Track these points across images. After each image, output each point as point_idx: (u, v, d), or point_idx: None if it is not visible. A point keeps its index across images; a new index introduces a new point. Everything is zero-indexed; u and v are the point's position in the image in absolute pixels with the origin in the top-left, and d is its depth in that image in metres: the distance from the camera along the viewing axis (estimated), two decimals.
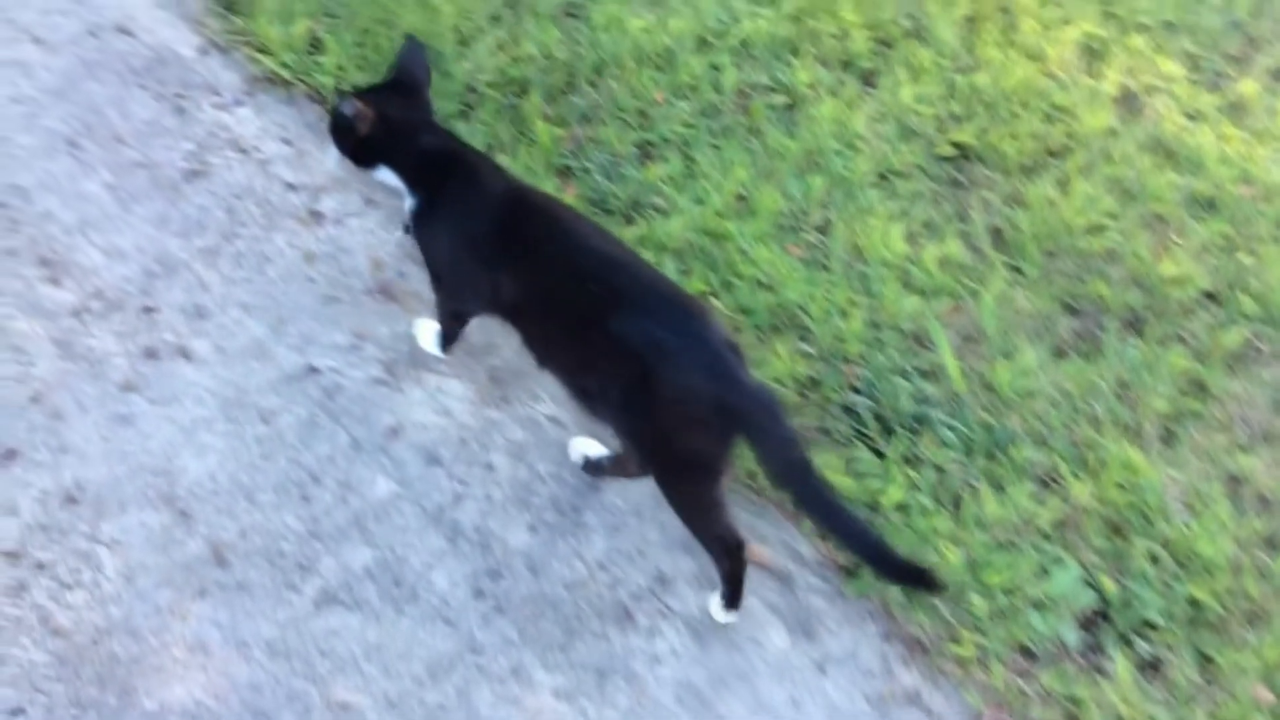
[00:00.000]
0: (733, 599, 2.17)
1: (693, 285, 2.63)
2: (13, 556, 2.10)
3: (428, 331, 2.43)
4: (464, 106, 2.89)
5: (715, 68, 3.10)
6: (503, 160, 2.74)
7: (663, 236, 2.72)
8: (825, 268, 2.74)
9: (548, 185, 2.76)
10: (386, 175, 2.20)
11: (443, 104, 2.84)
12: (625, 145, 2.90)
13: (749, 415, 1.94)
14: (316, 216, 2.64)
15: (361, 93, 2.19)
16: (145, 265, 2.51)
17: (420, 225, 2.22)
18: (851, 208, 2.87)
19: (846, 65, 3.20)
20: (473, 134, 2.81)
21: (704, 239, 2.74)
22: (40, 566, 2.09)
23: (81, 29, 2.82)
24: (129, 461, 2.24)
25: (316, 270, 2.58)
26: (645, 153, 2.91)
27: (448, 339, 2.40)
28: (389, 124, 2.13)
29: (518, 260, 2.11)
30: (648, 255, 2.67)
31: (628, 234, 2.71)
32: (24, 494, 2.18)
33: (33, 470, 2.21)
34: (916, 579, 2.01)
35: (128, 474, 2.22)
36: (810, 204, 2.86)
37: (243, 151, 2.78)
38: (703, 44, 3.14)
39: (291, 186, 2.75)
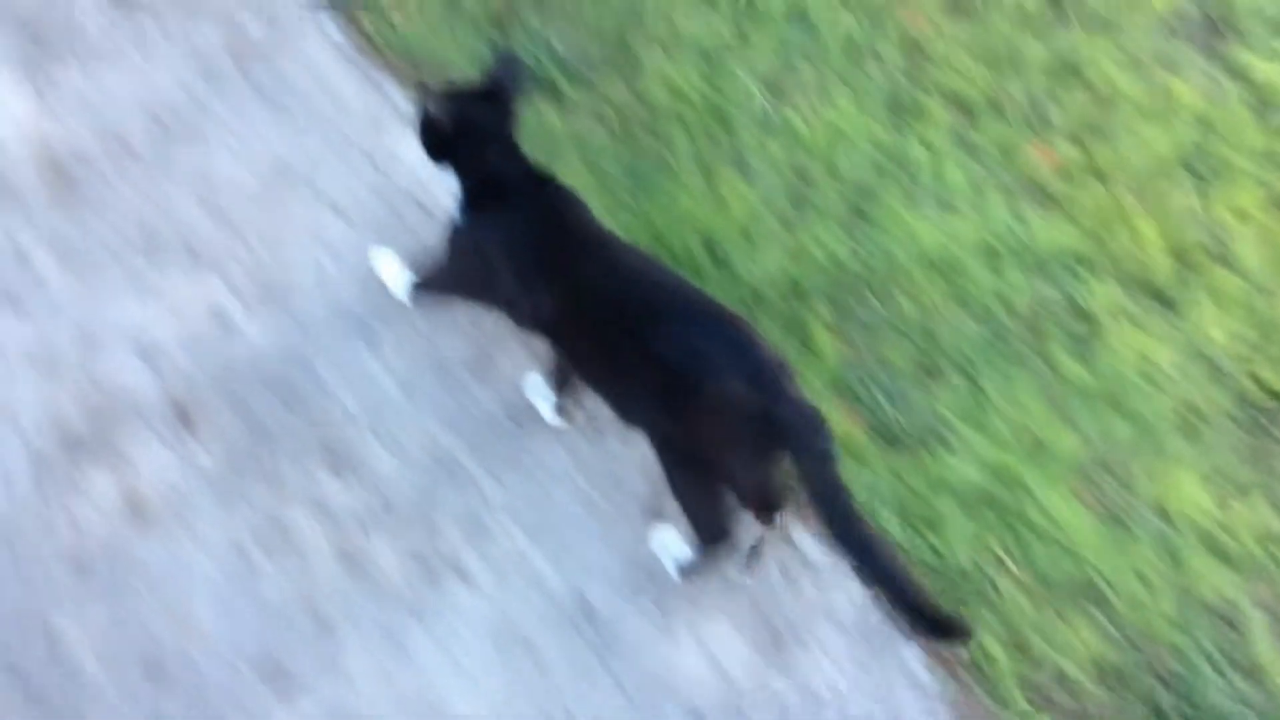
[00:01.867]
0: (693, 566, 2.19)
1: (984, 540, 2.33)
2: None
3: (394, 271, 2.47)
4: (745, 309, 2.64)
5: (1004, 281, 2.78)
6: None
7: (949, 477, 2.42)
8: (1125, 526, 2.40)
9: (829, 406, 2.49)
10: (451, 178, 2.19)
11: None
12: (908, 364, 2.61)
13: (791, 428, 1.87)
14: (595, 426, 2.43)
15: (449, 92, 2.15)
16: (427, 466, 2.34)
17: (458, 233, 2.22)
18: (1152, 455, 2.52)
19: (1145, 286, 2.83)
20: None
21: (994, 483, 2.43)
22: None
23: (378, 199, 2.69)
24: (396, 690, 2.06)
25: (593, 485, 2.36)
26: (929, 374, 2.61)
27: (418, 298, 2.46)
28: (462, 127, 2.12)
29: (558, 283, 2.07)
30: (933, 499, 2.38)
31: (910, 468, 2.42)
32: (287, 715, 2.01)
33: (298, 689, 2.04)
34: (943, 628, 1.86)
35: (393, 704, 2.04)
36: (1109, 448, 2.52)
37: (527, 348, 2.60)
38: (991, 254, 2.83)
39: None
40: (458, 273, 2.30)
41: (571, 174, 2.75)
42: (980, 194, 2.93)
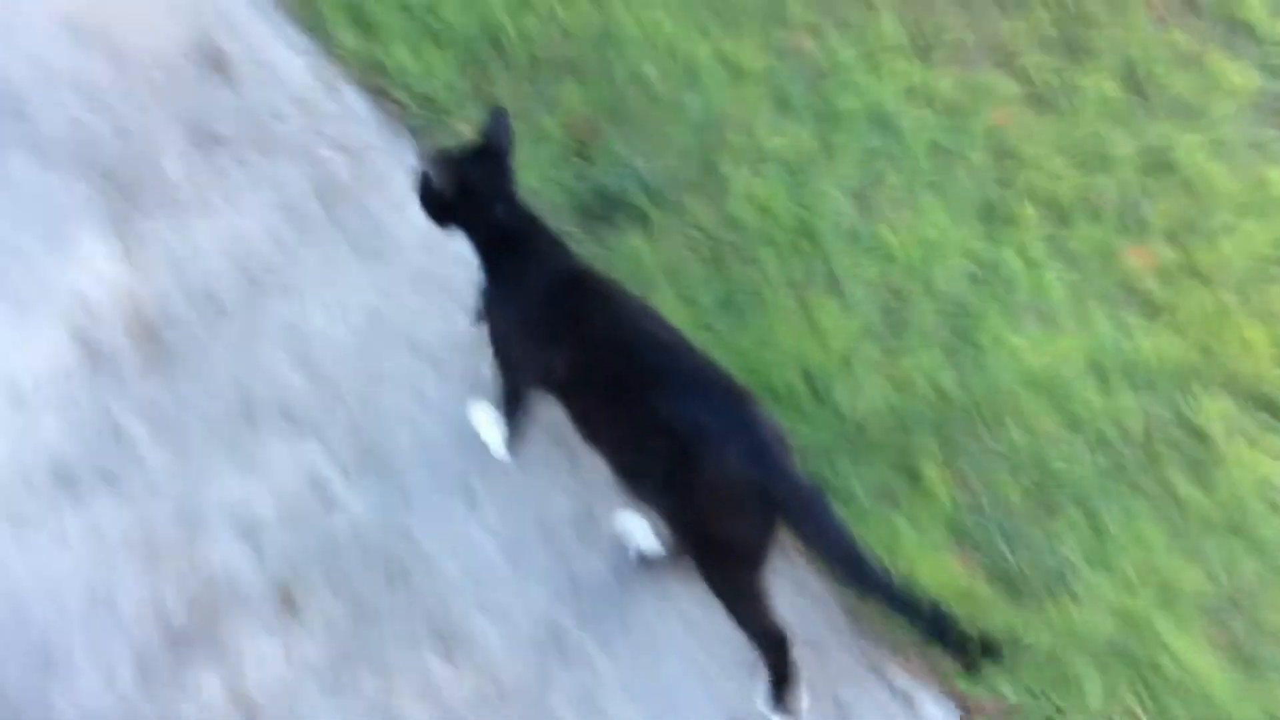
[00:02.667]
0: (779, 695, 2.05)
1: (1116, 693, 2.11)
2: None
3: (490, 428, 2.32)
4: (850, 446, 2.42)
5: (1114, 401, 2.55)
6: (896, 518, 2.29)
7: (1077, 627, 2.19)
8: (1259, 669, 2.18)
9: (946, 553, 2.28)
10: (462, 240, 2.13)
11: (825, 439, 2.39)
12: (1024, 500, 2.39)
13: (792, 505, 1.79)
14: (703, 587, 2.20)
15: (447, 156, 2.10)
16: (536, 638, 2.15)
17: (487, 300, 2.16)
18: (1277, 587, 2.28)
19: (1258, 398, 2.59)
20: (859, 481, 2.35)
21: (1124, 630, 2.21)
22: None
23: (471, 344, 2.46)
24: None
25: (700, 646, 2.15)
26: (1047, 509, 2.39)
27: (511, 423, 2.29)
28: (467, 188, 2.06)
29: (568, 340, 1.99)
30: (1062, 652, 2.16)
31: (1036, 620, 2.20)
32: None
33: None
34: (983, 651, 1.74)
35: None
36: (1235, 581, 2.30)
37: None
38: (1099, 371, 2.59)
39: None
40: (504, 353, 2.16)
41: (663, 306, 2.54)
42: (1081, 304, 2.70)
